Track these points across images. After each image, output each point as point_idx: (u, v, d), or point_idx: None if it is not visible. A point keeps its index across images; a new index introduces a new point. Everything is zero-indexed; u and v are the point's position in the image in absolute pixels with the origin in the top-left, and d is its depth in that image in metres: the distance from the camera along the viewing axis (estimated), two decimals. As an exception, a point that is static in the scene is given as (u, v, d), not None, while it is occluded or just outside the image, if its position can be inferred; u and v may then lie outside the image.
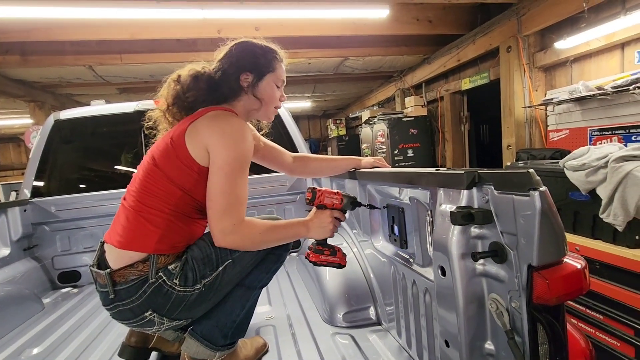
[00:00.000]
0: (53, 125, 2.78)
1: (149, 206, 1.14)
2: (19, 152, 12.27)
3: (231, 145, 1.11)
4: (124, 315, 1.16)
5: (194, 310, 1.20)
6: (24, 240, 2.56)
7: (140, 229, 1.14)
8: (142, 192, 1.16)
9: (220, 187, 1.10)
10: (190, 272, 1.14)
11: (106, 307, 1.18)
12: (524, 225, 0.68)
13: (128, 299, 1.12)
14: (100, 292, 1.18)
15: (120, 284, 1.12)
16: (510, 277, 0.73)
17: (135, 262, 1.12)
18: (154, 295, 1.12)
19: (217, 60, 1.31)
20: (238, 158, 1.12)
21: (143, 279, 1.12)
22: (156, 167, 1.15)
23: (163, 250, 1.14)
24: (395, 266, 1.38)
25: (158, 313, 1.15)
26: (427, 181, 0.97)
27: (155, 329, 1.20)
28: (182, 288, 1.13)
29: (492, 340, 0.81)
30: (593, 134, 3.27)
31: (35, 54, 4.31)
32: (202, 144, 1.12)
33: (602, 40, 3.09)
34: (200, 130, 1.13)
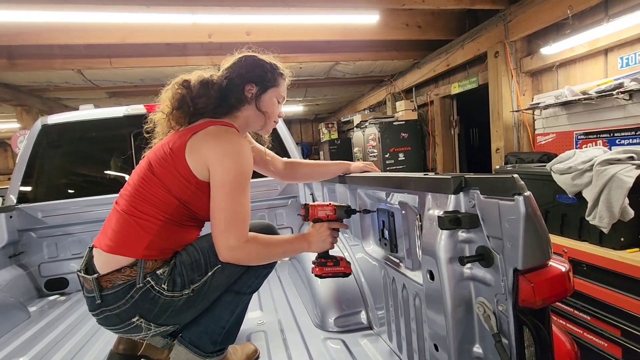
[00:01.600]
0: (40, 130, 2.73)
1: (142, 212, 1.13)
2: (5, 157, 12.04)
3: (232, 164, 1.12)
4: (111, 321, 1.14)
5: (182, 316, 1.19)
6: (10, 247, 2.51)
7: (131, 234, 1.13)
8: (137, 197, 1.15)
9: (223, 204, 1.11)
10: (178, 277, 1.14)
11: (93, 313, 1.17)
12: (509, 229, 0.69)
13: (115, 304, 1.11)
14: (87, 298, 1.16)
15: (107, 289, 1.11)
16: (497, 281, 0.74)
17: (123, 267, 1.11)
18: (142, 300, 1.11)
19: (223, 68, 1.33)
20: (238, 176, 1.13)
21: (130, 284, 1.10)
22: (153, 174, 1.14)
23: (151, 256, 1.13)
24: (386, 270, 1.39)
25: (145, 318, 1.13)
26: (416, 186, 0.99)
27: (143, 334, 1.18)
28: (170, 293, 1.12)
29: (480, 343, 0.82)
30: (579, 137, 3.34)
31: (23, 57, 4.25)
32: (202, 160, 1.13)
33: (586, 46, 3.17)
34: (201, 147, 1.13)
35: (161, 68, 4.62)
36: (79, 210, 2.64)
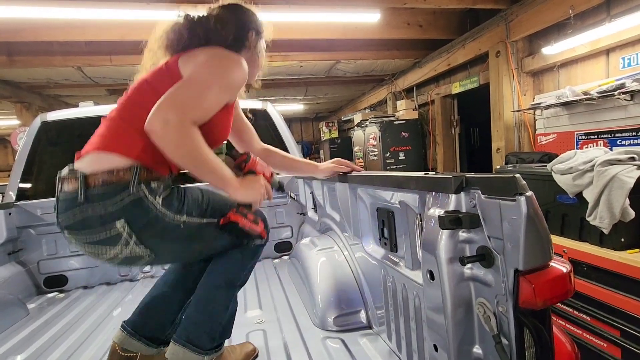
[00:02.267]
0: (40, 127, 2.73)
1: (136, 115, 1.04)
2: (4, 154, 12.03)
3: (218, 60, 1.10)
4: (88, 223, 1.03)
5: (164, 244, 1.12)
6: (9, 244, 2.50)
7: (125, 135, 1.06)
8: (131, 103, 1.10)
9: (193, 83, 1.04)
10: (177, 201, 1.10)
11: (66, 214, 1.05)
12: (510, 229, 0.68)
13: (101, 201, 1.01)
14: (64, 201, 1.05)
15: (94, 188, 1.01)
16: (497, 282, 0.74)
17: (116, 169, 1.02)
18: (132, 207, 1.02)
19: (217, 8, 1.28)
20: (221, 70, 1.08)
21: (123, 187, 1.01)
22: (148, 84, 1.11)
23: (146, 162, 1.05)
24: (386, 270, 1.38)
25: (130, 226, 1.02)
26: (417, 185, 0.98)
27: (116, 250, 1.05)
28: (163, 210, 1.06)
29: (480, 344, 0.81)
30: (580, 138, 3.33)
31: (23, 54, 4.24)
32: (194, 61, 1.09)
33: (588, 47, 3.16)
34: (196, 55, 1.11)
35: (161, 65, 4.60)
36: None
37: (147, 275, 2.74)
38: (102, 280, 2.67)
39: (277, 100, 7.70)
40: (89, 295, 2.42)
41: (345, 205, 1.77)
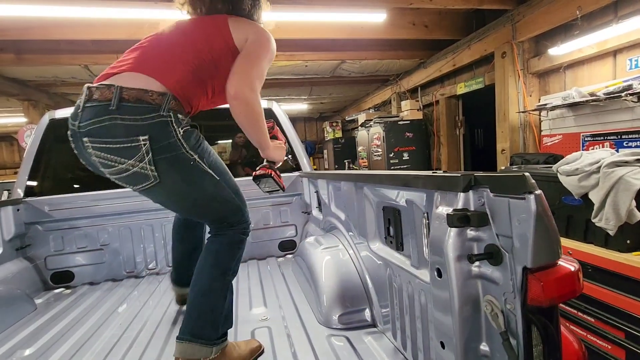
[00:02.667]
0: (48, 125, 2.75)
1: (183, 51, 1.24)
2: (11, 151, 12.13)
3: (267, 43, 1.35)
4: (113, 132, 1.12)
5: (169, 173, 1.20)
6: (17, 240, 2.53)
7: (165, 64, 1.21)
8: (177, 41, 1.28)
9: (250, 62, 1.27)
10: (194, 139, 1.24)
11: (94, 120, 1.12)
12: (519, 227, 0.69)
13: (131, 115, 1.11)
14: (91, 107, 1.13)
15: (128, 101, 1.12)
16: (506, 279, 0.74)
17: (151, 90, 1.14)
18: (158, 127, 1.14)
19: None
20: (268, 51, 1.35)
21: (154, 108, 1.14)
22: (201, 32, 1.31)
23: (178, 94, 1.19)
24: (391, 268, 1.39)
25: (150, 143, 1.13)
26: (424, 184, 0.99)
27: (132, 161, 1.15)
28: (182, 140, 1.18)
29: (487, 341, 0.82)
30: (586, 139, 3.32)
31: (31, 52, 4.28)
32: (244, 34, 1.31)
33: (595, 48, 3.15)
34: (245, 26, 1.35)
35: (167, 64, 4.63)
36: (85, 204, 2.66)
37: (153, 272, 2.76)
38: (107, 277, 2.70)
39: (282, 99, 7.71)
40: (95, 291, 2.44)
41: (350, 204, 1.78)
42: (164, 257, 2.81)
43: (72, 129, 1.20)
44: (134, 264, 2.77)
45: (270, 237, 2.97)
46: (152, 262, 2.80)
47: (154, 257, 2.80)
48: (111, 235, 2.73)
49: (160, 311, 1.99)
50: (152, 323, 1.84)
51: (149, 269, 2.79)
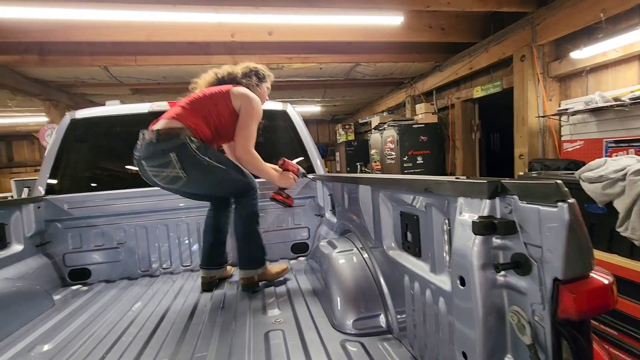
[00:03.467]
0: (69, 124, 2.82)
1: (197, 107, 2.00)
2: (32, 150, 12.50)
3: (254, 106, 2.02)
4: (154, 155, 1.90)
5: (194, 171, 1.92)
6: (37, 237, 2.59)
7: (185, 116, 1.95)
8: (194, 102, 2.02)
9: (245, 125, 2.01)
10: (203, 148, 1.94)
11: (142, 153, 1.94)
12: (551, 237, 0.66)
13: (164, 142, 1.87)
14: (145, 143, 1.93)
15: (161, 136, 1.87)
16: (534, 290, 0.71)
17: (172, 127, 1.89)
18: (180, 146, 1.87)
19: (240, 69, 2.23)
20: (255, 114, 2.03)
21: (176, 135, 1.87)
22: (208, 98, 2.02)
23: (192, 129, 1.92)
24: (409, 274, 1.36)
25: (177, 158, 1.87)
26: (447, 189, 0.96)
27: (169, 170, 1.90)
28: (196, 151, 1.90)
29: (513, 354, 0.79)
30: (609, 145, 3.22)
31: (53, 54, 4.40)
32: (239, 102, 2.01)
33: (620, 51, 3.06)
34: (240, 95, 2.03)
35: (184, 67, 4.71)
36: (103, 203, 2.71)
37: (167, 272, 2.79)
38: (123, 275, 2.74)
39: (295, 101, 7.75)
40: (111, 289, 2.47)
41: (367, 208, 1.76)
42: (179, 257, 2.84)
43: (136, 159, 2.01)
44: (149, 262, 2.80)
45: (283, 239, 2.96)
46: (166, 262, 2.82)
47: (169, 256, 2.83)
48: (127, 234, 2.77)
49: (175, 310, 2.00)
50: (167, 321, 1.86)
51: (163, 268, 2.82)
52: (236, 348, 1.54)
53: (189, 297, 2.21)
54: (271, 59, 4.76)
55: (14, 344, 1.72)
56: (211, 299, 2.18)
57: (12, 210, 2.42)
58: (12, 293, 1.99)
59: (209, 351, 1.53)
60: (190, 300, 2.15)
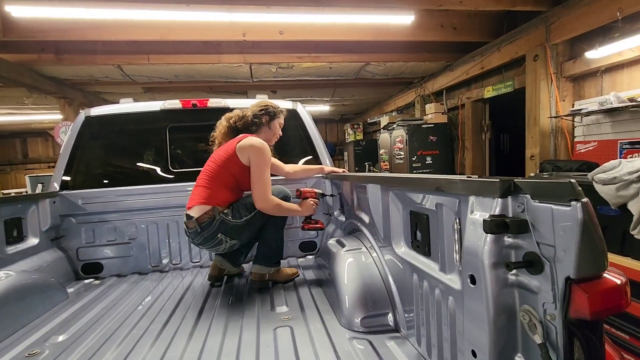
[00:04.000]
0: (84, 121, 2.87)
1: (215, 185, 2.16)
2: (46, 146, 12.76)
3: (261, 156, 2.13)
4: (206, 240, 2.13)
5: (242, 234, 2.19)
6: (52, 231, 2.65)
7: (210, 195, 2.14)
8: (211, 178, 2.18)
9: (258, 175, 2.12)
10: (236, 212, 2.15)
11: (195, 240, 2.15)
12: (564, 236, 0.66)
13: (208, 229, 2.09)
14: (191, 233, 2.14)
15: (202, 223, 2.09)
16: (546, 289, 0.71)
17: (206, 212, 2.10)
18: (221, 225, 2.11)
19: (251, 109, 2.37)
20: (265, 162, 2.14)
21: (212, 219, 2.09)
22: (218, 166, 2.18)
23: (219, 204, 2.13)
24: (418, 273, 1.36)
25: (224, 235, 2.12)
26: (459, 188, 0.96)
27: (222, 247, 2.18)
28: (234, 220, 2.13)
29: (523, 353, 0.79)
30: (624, 146, 3.16)
31: (68, 52, 4.49)
32: (246, 155, 2.13)
33: (637, 51, 3.00)
34: (245, 148, 2.14)
35: (196, 66, 4.76)
36: (116, 199, 2.76)
37: (177, 267, 2.83)
38: (134, 270, 2.79)
39: (305, 100, 7.77)
40: (122, 283, 2.52)
41: (376, 207, 1.76)
42: (188, 253, 2.88)
43: (191, 242, 2.24)
44: (160, 258, 2.85)
45: (291, 237, 2.98)
46: (176, 257, 2.87)
47: (179, 252, 2.87)
48: (138, 229, 2.82)
49: (185, 305, 2.04)
50: (178, 316, 1.89)
51: (173, 263, 2.86)
52: (245, 343, 1.56)
53: (199, 293, 2.24)
54: (281, 58, 4.78)
55: (30, 334, 1.76)
56: (220, 294, 2.21)
57: (29, 204, 2.48)
58: (28, 285, 2.04)
59: (218, 345, 1.55)
60: (199, 296, 2.19)
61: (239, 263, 2.50)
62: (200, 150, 3.48)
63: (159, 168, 2.94)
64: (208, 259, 2.91)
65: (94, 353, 1.54)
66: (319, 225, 2.45)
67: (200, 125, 3.24)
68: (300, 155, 3.08)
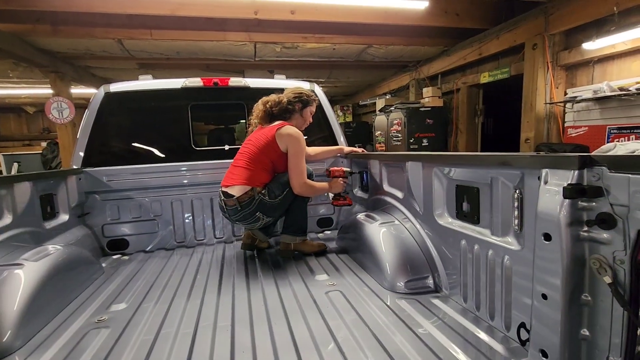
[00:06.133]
0: (103, 98, 2.85)
1: (255, 167, 2.32)
2: (19, 123, 12.10)
3: (298, 145, 2.31)
4: (245, 217, 2.30)
5: (277, 211, 2.39)
6: (78, 208, 2.67)
7: (250, 176, 2.30)
8: (250, 160, 2.33)
9: (295, 164, 2.31)
10: (272, 192, 2.32)
11: (234, 217, 2.32)
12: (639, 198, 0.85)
13: (248, 207, 2.28)
14: (230, 210, 2.30)
15: (243, 202, 2.27)
16: (617, 240, 0.91)
17: (246, 192, 2.27)
18: (259, 204, 2.29)
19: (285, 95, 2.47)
20: (301, 151, 2.32)
21: (252, 198, 2.27)
22: (257, 149, 2.33)
23: (257, 185, 2.30)
24: (467, 239, 1.56)
25: (262, 212, 2.31)
26: (529, 163, 1.14)
27: (259, 224, 2.38)
28: (270, 200, 2.31)
29: (589, 291, 0.99)
30: (611, 131, 3.48)
31: (66, 24, 4.29)
32: (284, 143, 2.31)
33: (629, 44, 3.27)
34: (283, 137, 2.30)
35: (200, 43, 4.68)
36: (140, 176, 2.80)
37: (201, 243, 2.93)
38: (159, 246, 2.86)
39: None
40: (154, 257, 2.61)
41: (416, 183, 1.94)
42: (212, 229, 2.98)
43: (227, 219, 2.41)
44: (184, 234, 2.93)
45: (309, 214, 3.13)
46: (200, 234, 2.96)
47: (202, 228, 2.97)
48: (163, 206, 2.89)
49: (229, 274, 2.18)
50: (227, 285, 2.02)
51: (197, 239, 2.96)
52: (304, 304, 1.71)
53: (238, 263, 2.38)
54: (287, 38, 4.78)
55: (89, 304, 1.84)
56: (258, 264, 2.36)
57: (59, 180, 2.49)
58: (74, 258, 2.10)
59: (279, 305, 1.71)
60: (240, 266, 2.32)
61: (270, 233, 2.68)
62: (221, 129, 3.53)
63: (182, 146, 2.98)
64: (231, 234, 3.03)
65: (162, 319, 1.64)
66: (347, 201, 2.61)
67: (220, 104, 3.28)
68: (318, 134, 3.20)
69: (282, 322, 1.55)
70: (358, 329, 1.45)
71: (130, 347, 1.42)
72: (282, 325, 1.53)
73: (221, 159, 2.90)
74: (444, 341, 1.35)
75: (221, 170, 2.53)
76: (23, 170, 9.28)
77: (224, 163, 2.67)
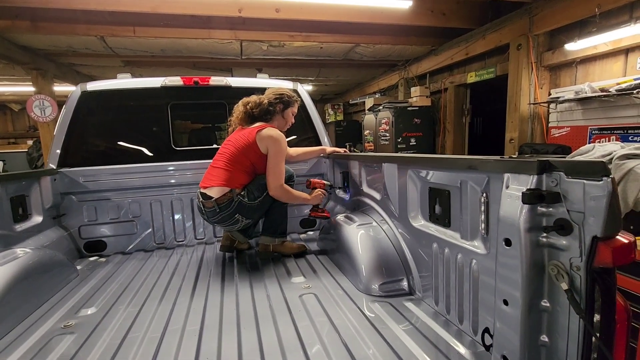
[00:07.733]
0: (80, 97, 2.79)
1: (233, 168, 2.28)
2: (4, 121, 11.86)
3: (278, 147, 2.27)
4: (224, 219, 2.27)
5: (256, 213, 2.37)
6: (53, 209, 2.62)
7: (229, 177, 2.26)
8: (230, 160, 2.29)
9: (273, 165, 2.28)
10: (251, 194, 2.29)
11: (212, 218, 2.27)
12: (594, 204, 0.84)
13: (226, 210, 2.23)
14: (208, 212, 2.25)
15: (221, 204, 2.22)
16: (574, 246, 0.90)
17: (225, 193, 2.22)
18: (238, 206, 2.25)
19: (266, 96, 2.44)
20: (281, 152, 2.29)
21: (231, 200, 2.23)
22: (237, 150, 2.29)
23: (236, 186, 2.26)
24: (438, 242, 1.55)
25: (241, 214, 2.28)
26: (493, 167, 1.13)
27: (238, 225, 2.34)
28: (249, 202, 2.28)
29: (548, 298, 0.99)
30: (593, 132, 3.51)
31: (46, 20, 4.20)
32: (265, 145, 2.26)
33: (610, 45, 3.29)
34: (264, 138, 2.26)
35: (184, 40, 4.61)
36: (117, 177, 2.75)
37: (181, 244, 2.89)
38: (138, 248, 2.82)
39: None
40: (131, 260, 2.56)
41: (392, 185, 1.92)
42: (192, 231, 2.94)
43: (206, 220, 2.35)
44: (164, 236, 2.89)
45: (292, 215, 3.11)
46: (180, 235, 2.92)
47: (183, 230, 2.93)
48: (142, 207, 2.84)
49: (205, 277, 2.14)
50: (201, 288, 1.99)
51: (177, 241, 2.92)
52: (277, 309, 1.69)
53: (215, 266, 2.34)
54: (273, 36, 4.74)
55: (57, 308, 1.80)
56: (236, 266, 2.33)
57: (32, 181, 2.44)
58: (45, 261, 2.05)
59: (252, 309, 1.69)
60: (217, 268, 2.29)
61: (250, 234, 2.65)
62: (202, 129, 3.48)
63: (162, 146, 2.93)
64: (212, 235, 2.99)
65: (131, 324, 1.61)
66: (325, 214, 2.59)
67: (201, 104, 3.24)
68: (301, 135, 3.17)
69: (252, 328, 1.53)
70: (327, 335, 1.44)
71: (93, 354, 1.39)
72: (252, 330, 1.51)
73: (202, 159, 2.86)
74: (411, 346, 1.34)
75: (202, 170, 2.48)
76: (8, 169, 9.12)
77: (205, 163, 2.61)
